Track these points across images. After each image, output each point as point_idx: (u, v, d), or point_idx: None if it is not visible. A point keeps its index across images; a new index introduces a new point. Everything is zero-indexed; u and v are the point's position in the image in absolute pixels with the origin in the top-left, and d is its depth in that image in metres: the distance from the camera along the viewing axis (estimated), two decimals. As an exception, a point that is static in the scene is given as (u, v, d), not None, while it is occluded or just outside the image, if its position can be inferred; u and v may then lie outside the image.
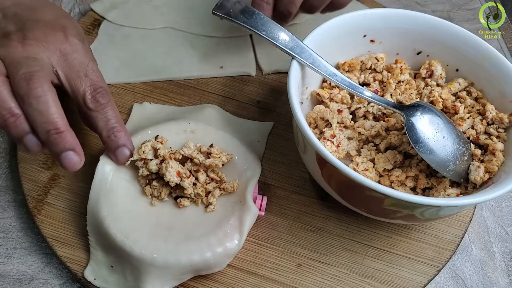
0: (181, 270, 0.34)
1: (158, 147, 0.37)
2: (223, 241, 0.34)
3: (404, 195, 0.31)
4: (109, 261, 0.35)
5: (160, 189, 0.37)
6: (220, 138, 0.40)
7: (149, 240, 0.34)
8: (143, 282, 0.33)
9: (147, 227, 0.35)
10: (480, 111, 0.40)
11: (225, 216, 0.36)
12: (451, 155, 0.36)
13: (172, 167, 0.36)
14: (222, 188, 0.38)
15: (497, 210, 0.44)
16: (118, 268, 0.35)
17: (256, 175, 0.38)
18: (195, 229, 0.35)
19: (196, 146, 0.38)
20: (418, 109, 0.37)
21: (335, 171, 0.33)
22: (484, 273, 0.40)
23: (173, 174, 0.36)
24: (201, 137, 0.40)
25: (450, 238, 0.40)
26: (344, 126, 0.40)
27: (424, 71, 0.43)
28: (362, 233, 0.40)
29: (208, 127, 0.41)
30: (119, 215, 0.35)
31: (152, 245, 0.34)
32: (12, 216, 0.39)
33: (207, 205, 0.37)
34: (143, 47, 0.50)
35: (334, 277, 0.37)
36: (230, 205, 0.37)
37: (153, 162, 0.36)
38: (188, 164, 0.37)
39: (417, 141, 0.36)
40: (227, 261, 0.35)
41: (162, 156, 0.36)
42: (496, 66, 0.40)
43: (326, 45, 0.41)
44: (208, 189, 0.37)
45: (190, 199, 0.37)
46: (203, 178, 0.37)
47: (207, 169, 0.38)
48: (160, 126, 0.40)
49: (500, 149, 0.37)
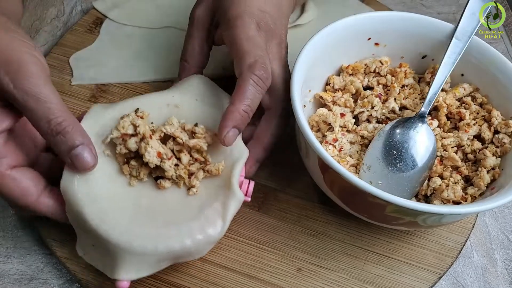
0: (159, 258, 0.32)
1: (138, 124, 0.33)
2: (204, 228, 0.32)
3: (407, 202, 0.31)
4: (89, 240, 0.33)
5: (139, 169, 0.34)
6: (206, 114, 0.37)
7: (126, 225, 0.32)
8: (119, 268, 0.31)
9: (125, 210, 0.33)
10: (486, 117, 0.40)
11: (208, 200, 0.33)
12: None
13: (152, 147, 0.33)
14: (206, 170, 0.35)
15: (499, 217, 0.43)
16: (99, 248, 0.32)
17: (243, 157, 0.35)
18: (176, 213, 0.33)
19: (180, 123, 0.35)
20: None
21: (337, 177, 0.33)
22: (486, 280, 0.40)
23: (153, 155, 0.33)
24: (186, 112, 0.37)
25: (452, 244, 0.40)
26: (347, 130, 0.40)
27: (429, 76, 0.42)
28: (363, 238, 0.39)
29: (194, 101, 0.37)
30: (95, 196, 0.32)
31: (129, 230, 0.31)
32: (12, 215, 0.39)
33: (190, 187, 0.34)
34: (145, 47, 0.49)
35: (334, 282, 0.37)
36: (214, 189, 0.34)
37: (132, 140, 0.33)
38: (170, 143, 0.35)
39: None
40: (208, 248, 0.33)
41: (142, 134, 0.33)
42: (502, 71, 0.39)
43: (330, 48, 0.40)
44: (191, 171, 0.35)
45: (171, 181, 0.34)
46: (186, 159, 0.34)
47: (190, 149, 0.35)
48: (141, 99, 0.37)
49: (489, 167, 0.37)
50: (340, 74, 0.43)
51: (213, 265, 0.37)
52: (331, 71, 0.43)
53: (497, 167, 0.38)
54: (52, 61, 0.47)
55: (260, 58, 0.35)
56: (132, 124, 0.34)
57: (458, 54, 0.40)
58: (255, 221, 0.39)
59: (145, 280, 0.36)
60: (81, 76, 0.47)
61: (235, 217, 0.40)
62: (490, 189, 0.36)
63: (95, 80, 0.47)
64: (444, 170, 0.38)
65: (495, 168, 0.37)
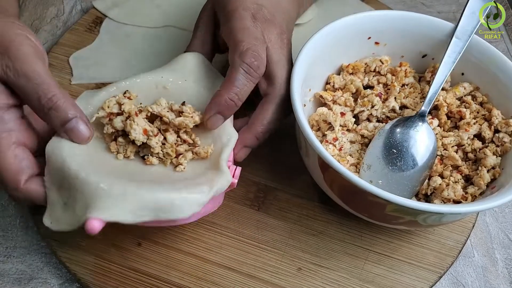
0: (140, 204, 0.29)
1: (123, 102, 0.33)
2: (190, 189, 0.31)
3: (407, 201, 0.31)
4: (62, 198, 0.31)
5: (126, 146, 0.34)
6: (196, 95, 0.36)
7: (108, 175, 0.30)
8: (93, 208, 0.29)
9: (109, 168, 0.32)
10: (486, 116, 0.40)
11: (194, 176, 0.33)
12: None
13: (138, 124, 0.33)
14: (195, 152, 0.35)
15: (500, 216, 0.43)
16: (70, 204, 0.31)
17: (232, 141, 0.35)
18: (162, 182, 0.32)
19: (168, 103, 0.35)
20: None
21: (337, 176, 0.32)
22: (486, 280, 0.40)
23: (139, 132, 0.33)
24: (175, 92, 0.36)
25: (452, 244, 0.39)
26: (347, 129, 0.40)
27: (429, 75, 0.42)
28: (364, 237, 0.39)
29: (184, 82, 0.37)
30: (80, 153, 0.32)
31: (111, 178, 0.30)
32: (12, 215, 0.39)
33: (177, 165, 0.34)
34: (144, 46, 0.49)
35: (335, 282, 0.37)
36: (201, 170, 0.34)
37: (118, 119, 0.33)
38: (157, 123, 0.34)
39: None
40: (193, 209, 0.30)
41: (127, 112, 0.33)
42: (502, 70, 0.39)
43: (330, 47, 0.40)
44: (179, 151, 0.34)
45: (158, 158, 0.34)
46: (172, 139, 0.34)
47: (178, 129, 0.35)
48: (129, 80, 0.36)
49: (489, 166, 0.37)
50: (340, 73, 0.43)
51: (213, 264, 0.37)
52: (331, 70, 0.43)
53: (497, 166, 0.38)
54: (51, 60, 0.47)
55: (252, 46, 0.35)
56: (117, 103, 0.34)
57: (458, 53, 0.40)
58: (255, 220, 0.39)
59: (143, 279, 0.36)
60: (81, 75, 0.47)
61: (235, 216, 0.40)
62: (491, 188, 0.36)
63: (95, 80, 0.47)
64: (445, 169, 0.38)
65: (495, 167, 0.37)
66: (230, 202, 0.40)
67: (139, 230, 0.38)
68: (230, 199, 0.40)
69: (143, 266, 0.36)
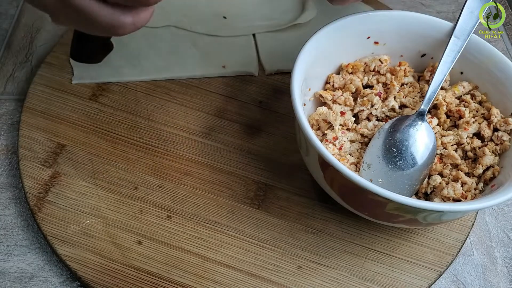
0: None
1: None
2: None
3: (407, 199, 0.31)
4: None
5: None
6: None
7: None
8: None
9: None
10: (485, 115, 0.40)
11: None
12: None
13: None
14: None
15: (499, 215, 0.44)
16: None
17: None
18: None
19: None
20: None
21: (337, 174, 0.33)
22: (486, 278, 0.40)
23: None
24: None
25: (452, 242, 0.40)
26: (347, 128, 0.40)
27: (428, 74, 0.43)
28: (363, 236, 0.39)
29: None
30: None
31: None
32: (12, 213, 0.39)
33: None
34: (145, 46, 0.49)
35: (334, 280, 0.37)
36: None
37: None
38: None
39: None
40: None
41: None
42: (501, 69, 0.39)
43: (330, 46, 0.40)
44: None
45: None
46: None
47: None
48: None
49: (485, 165, 0.37)
50: (339, 72, 0.43)
51: (213, 263, 0.37)
52: (330, 69, 0.43)
53: (495, 165, 0.38)
54: (52, 60, 0.47)
55: None
56: None
57: (457, 52, 0.40)
58: (255, 219, 0.39)
59: (144, 277, 0.36)
60: (82, 75, 0.47)
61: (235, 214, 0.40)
62: (490, 186, 0.36)
63: (96, 79, 0.47)
64: (444, 168, 0.38)
65: (493, 166, 0.38)
66: (230, 200, 0.40)
67: (140, 229, 0.38)
68: (230, 197, 0.40)
69: (143, 265, 0.37)
